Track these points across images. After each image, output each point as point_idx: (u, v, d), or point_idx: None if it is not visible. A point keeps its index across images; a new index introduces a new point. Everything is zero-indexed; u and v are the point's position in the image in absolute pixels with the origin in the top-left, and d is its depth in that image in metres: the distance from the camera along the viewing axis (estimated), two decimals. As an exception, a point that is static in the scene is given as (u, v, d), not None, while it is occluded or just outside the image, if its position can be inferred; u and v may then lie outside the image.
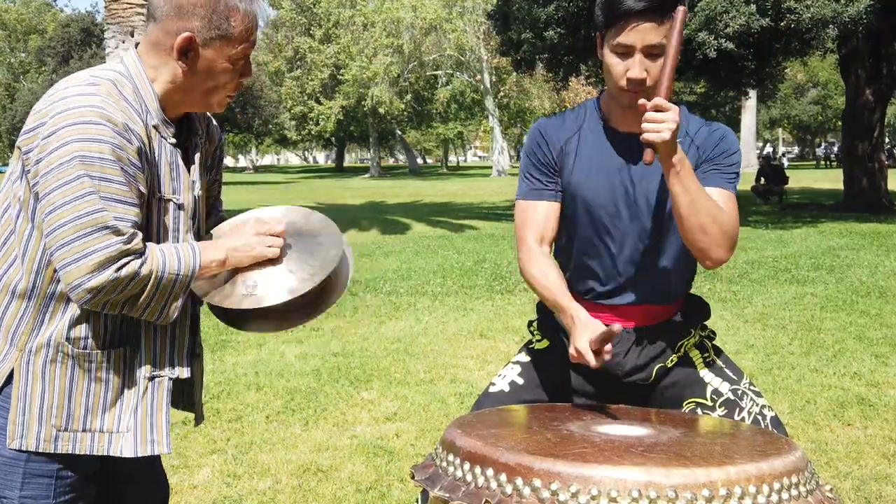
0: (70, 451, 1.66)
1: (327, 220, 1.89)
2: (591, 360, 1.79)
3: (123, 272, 1.54)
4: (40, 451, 1.64)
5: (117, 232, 1.54)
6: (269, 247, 1.76)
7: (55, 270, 1.59)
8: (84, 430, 1.67)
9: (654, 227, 2.00)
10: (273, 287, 1.74)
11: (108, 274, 1.53)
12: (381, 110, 44.98)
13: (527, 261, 2.04)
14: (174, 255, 1.63)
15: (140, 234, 1.58)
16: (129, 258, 1.55)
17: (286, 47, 49.59)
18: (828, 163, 47.35)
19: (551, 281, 1.98)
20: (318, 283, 1.75)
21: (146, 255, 1.59)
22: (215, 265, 1.71)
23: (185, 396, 1.89)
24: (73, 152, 1.52)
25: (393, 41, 43.49)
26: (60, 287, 1.61)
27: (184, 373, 1.75)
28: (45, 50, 42.73)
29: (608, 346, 1.78)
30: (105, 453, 1.68)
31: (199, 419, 1.95)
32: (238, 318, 1.82)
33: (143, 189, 1.61)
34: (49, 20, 48.15)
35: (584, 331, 1.83)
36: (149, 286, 1.58)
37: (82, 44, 40.30)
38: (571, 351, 1.84)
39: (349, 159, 79.28)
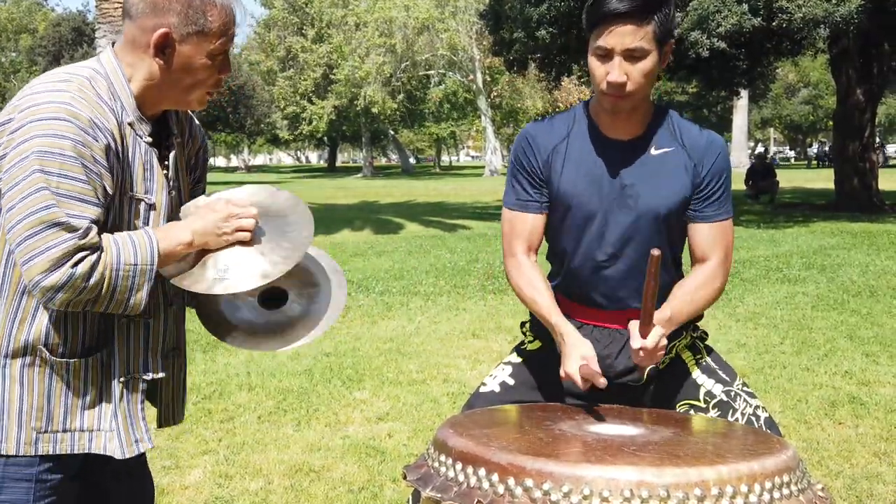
0: (51, 452, 1.64)
1: (295, 199, 1.83)
2: (580, 385, 1.85)
3: (79, 269, 1.50)
4: (20, 454, 1.62)
5: (69, 228, 1.50)
6: (240, 230, 1.70)
7: None
8: (64, 431, 1.65)
9: (641, 233, 2.00)
10: (245, 271, 1.68)
11: (63, 270, 1.49)
12: (374, 110, 44.88)
13: (515, 271, 2.07)
14: (129, 246, 1.57)
15: (95, 230, 1.54)
16: (85, 253, 1.51)
17: (278, 47, 49.47)
18: (820, 162, 47.45)
19: (539, 293, 2.01)
20: (292, 266, 1.70)
21: (101, 248, 1.55)
22: (181, 248, 1.66)
23: (160, 395, 1.86)
24: (32, 148, 1.50)
25: (385, 41, 43.42)
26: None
27: (158, 374, 1.73)
28: (36, 49, 42.46)
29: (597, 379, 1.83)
30: (86, 451, 1.67)
31: (162, 421, 1.85)
32: (220, 327, 1.80)
33: (108, 187, 1.57)
34: (40, 19, 47.86)
35: (574, 353, 1.89)
36: (106, 280, 1.54)
37: (73, 43, 40.09)
38: (561, 373, 1.91)
39: (341, 159, 79.13)
